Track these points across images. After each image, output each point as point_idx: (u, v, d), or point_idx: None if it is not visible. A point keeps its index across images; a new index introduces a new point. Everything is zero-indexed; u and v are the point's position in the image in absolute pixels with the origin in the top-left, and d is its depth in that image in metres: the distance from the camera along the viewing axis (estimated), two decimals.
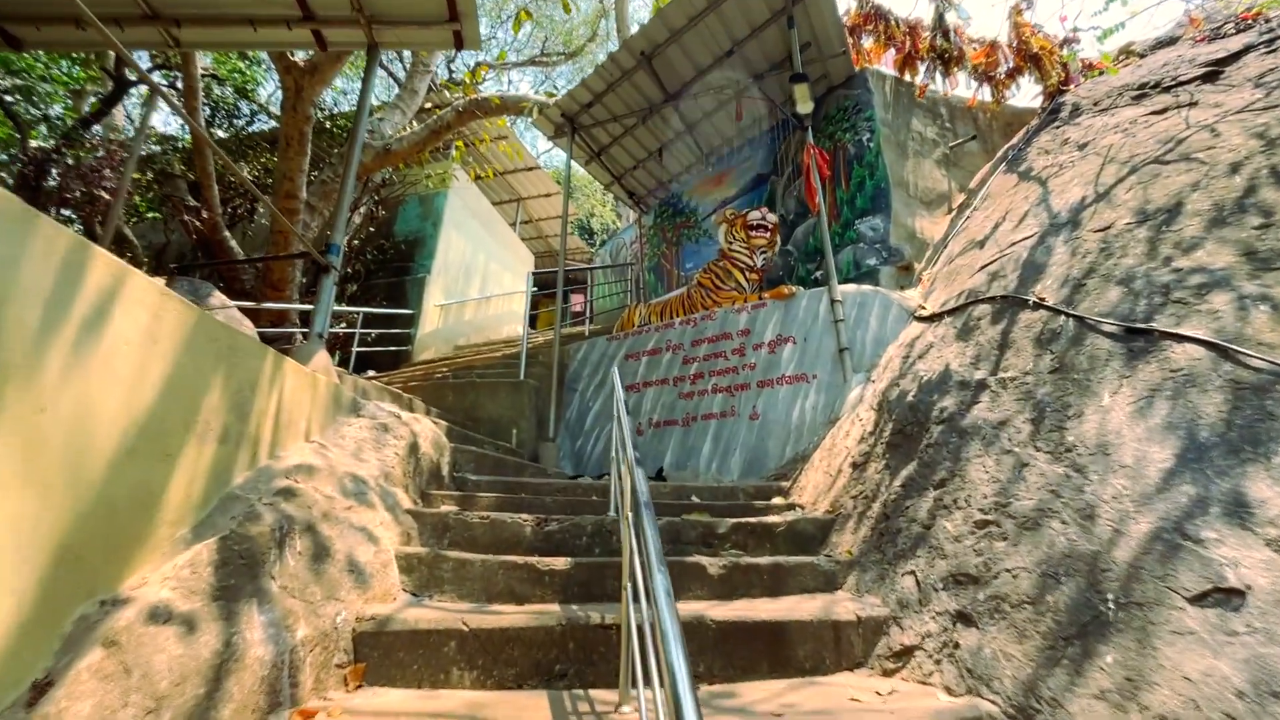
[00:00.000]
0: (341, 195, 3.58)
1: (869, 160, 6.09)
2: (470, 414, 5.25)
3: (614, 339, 6.07)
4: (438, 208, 9.18)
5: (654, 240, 8.74)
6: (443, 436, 3.73)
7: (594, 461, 5.49)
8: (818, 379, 4.76)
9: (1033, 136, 6.15)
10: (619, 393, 3.06)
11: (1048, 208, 4.36)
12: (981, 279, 4.25)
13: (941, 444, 3.08)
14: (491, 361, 6.62)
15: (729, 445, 4.94)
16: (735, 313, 5.36)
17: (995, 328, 3.61)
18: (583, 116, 6.63)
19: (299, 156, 5.97)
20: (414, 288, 8.58)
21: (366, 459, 2.99)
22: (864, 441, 3.79)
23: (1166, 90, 5.20)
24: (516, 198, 13.21)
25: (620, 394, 2.99)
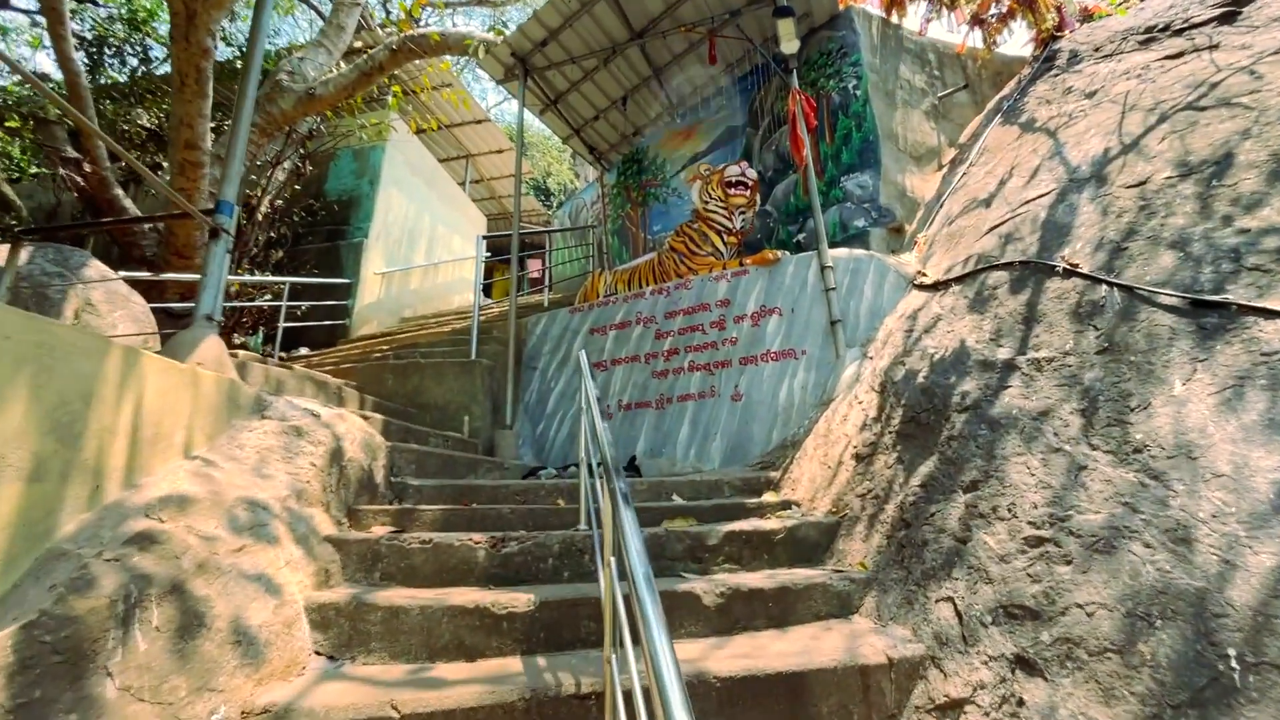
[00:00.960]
0: (233, 136, 2.86)
1: (856, 110, 5.57)
2: (414, 400, 4.62)
3: (577, 311, 5.48)
4: (375, 163, 8.25)
5: (617, 200, 8.09)
6: (376, 436, 3.13)
7: (557, 449, 4.97)
8: (807, 355, 4.32)
9: (1028, 86, 5.73)
10: (590, 389, 2.53)
11: (1064, 161, 3.95)
12: (992, 242, 3.84)
13: (968, 437, 2.67)
14: (438, 338, 5.94)
15: (709, 429, 4.48)
16: (713, 280, 4.85)
17: (1017, 298, 3.20)
18: (536, 57, 5.86)
19: (197, 99, 5.06)
20: (350, 253, 7.72)
21: (272, 475, 2.39)
22: (867, 429, 3.37)
23: (1178, 33, 4.81)
24: (465, 154, 12.22)
25: (592, 390, 2.46)
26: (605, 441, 1.80)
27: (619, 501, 1.39)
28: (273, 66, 6.83)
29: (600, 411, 3.14)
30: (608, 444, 1.79)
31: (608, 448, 1.78)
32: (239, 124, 2.87)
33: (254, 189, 7.20)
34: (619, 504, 1.38)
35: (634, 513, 1.36)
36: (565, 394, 5.16)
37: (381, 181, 8.17)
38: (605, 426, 1.99)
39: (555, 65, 5.96)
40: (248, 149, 6.45)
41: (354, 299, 7.54)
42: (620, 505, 1.36)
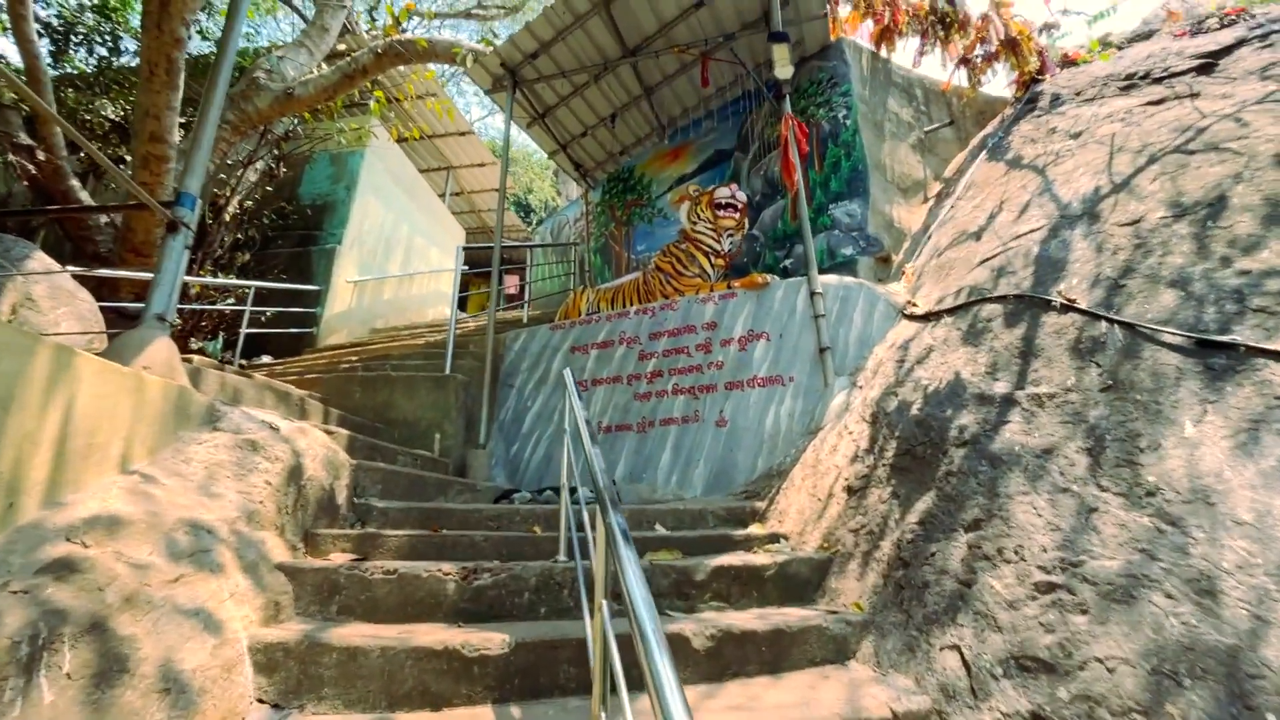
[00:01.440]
0: (200, 124, 2.67)
1: (845, 139, 5.60)
2: (383, 415, 4.39)
3: (558, 328, 5.32)
4: (352, 169, 8.03)
5: (601, 219, 8.00)
6: (340, 453, 2.91)
7: (532, 471, 4.77)
8: (795, 382, 4.23)
9: (1011, 125, 5.85)
10: (579, 410, 2.38)
11: (1054, 197, 3.97)
12: (983, 274, 3.82)
13: (967, 473, 2.58)
14: (411, 350, 5.71)
15: (691, 455, 4.34)
16: (700, 303, 4.75)
17: (1012, 332, 3.16)
18: (526, 69, 5.78)
19: (167, 90, 4.83)
20: (321, 260, 7.45)
21: (220, 493, 2.17)
22: (859, 460, 3.27)
23: (1158, 81, 4.96)
24: (447, 166, 12.05)
25: (581, 412, 2.30)
26: (599, 469, 1.65)
27: (617, 538, 1.23)
28: (250, 64, 6.61)
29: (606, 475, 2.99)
30: (601, 471, 1.63)
31: (601, 475, 1.62)
32: (208, 112, 2.68)
33: (223, 188, 6.92)
34: (617, 540, 1.22)
35: (635, 552, 1.21)
36: (543, 413, 4.98)
37: (359, 188, 7.95)
38: (598, 453, 1.83)
39: (545, 78, 5.88)
40: (218, 147, 6.22)
41: (323, 307, 7.25)
42: (620, 543, 1.21)
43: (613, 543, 1.22)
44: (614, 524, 1.28)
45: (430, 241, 10.29)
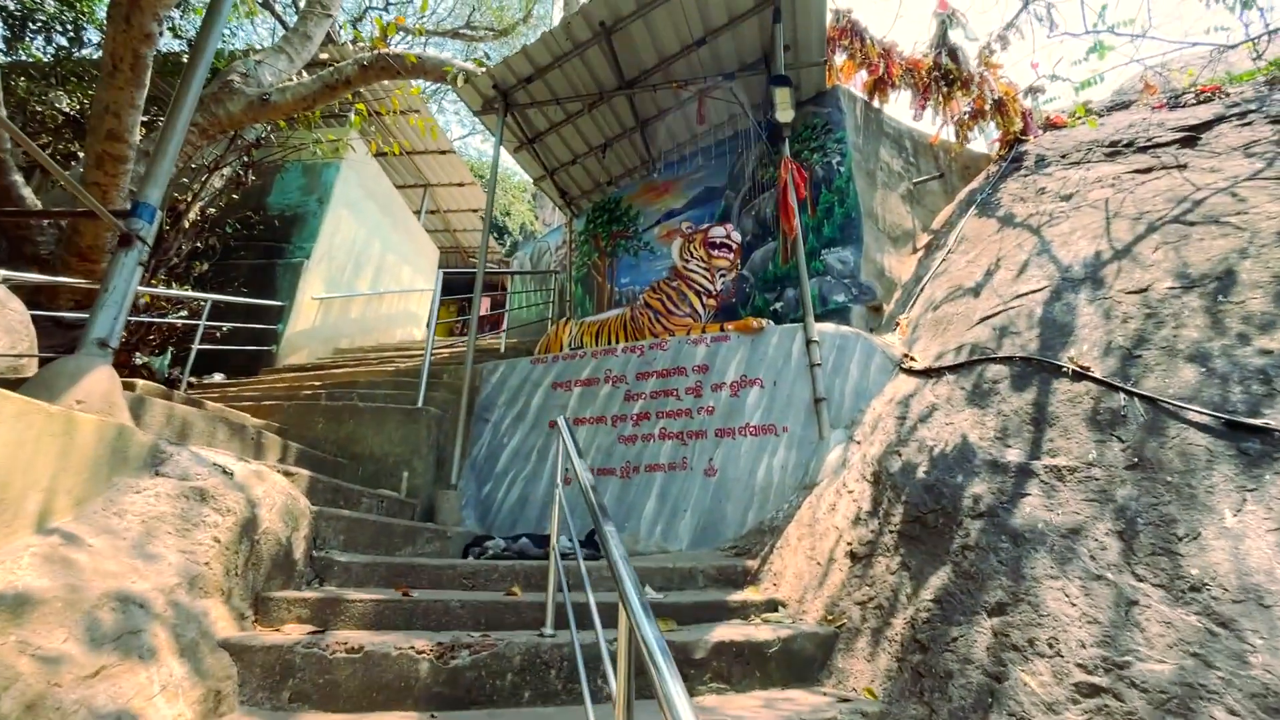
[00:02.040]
0: (167, 130, 2.41)
1: (839, 185, 5.60)
2: (347, 449, 4.06)
3: (539, 362, 5.09)
4: (326, 181, 7.72)
5: (584, 248, 7.85)
6: (300, 499, 2.61)
7: (505, 513, 4.47)
8: (789, 432, 4.08)
9: (998, 182, 5.96)
10: (578, 463, 2.16)
11: (1053, 259, 3.97)
12: (985, 333, 3.77)
13: (986, 549, 2.44)
14: (380, 377, 5.38)
15: (678, 505, 4.13)
16: (691, 344, 4.59)
17: (1021, 396, 3.08)
18: (519, 93, 5.64)
19: (131, 86, 4.51)
20: (287, 274, 7.07)
21: (159, 554, 1.87)
22: (861, 524, 3.11)
23: (1143, 150, 5.10)
24: (424, 183, 11.79)
25: (583, 468, 2.09)
26: (618, 555, 1.43)
27: (662, 669, 1.02)
28: (225, 66, 6.31)
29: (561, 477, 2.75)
30: (622, 560, 1.41)
31: (623, 567, 1.38)
32: (177, 117, 2.43)
33: (184, 193, 6.53)
34: (663, 673, 1.01)
35: (683, 684, 1.00)
36: (520, 452, 4.71)
37: (332, 201, 7.63)
38: (613, 531, 1.61)
39: (538, 104, 5.75)
40: (183, 150, 5.86)
41: (285, 324, 6.85)
42: (667, 677, 1.00)
43: (659, 676, 1.00)
44: (654, 646, 1.06)
45: (403, 260, 9.97)
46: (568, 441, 2.54)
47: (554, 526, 2.61)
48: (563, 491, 4.42)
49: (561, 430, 2.66)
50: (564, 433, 2.66)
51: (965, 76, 5.26)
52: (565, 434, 2.64)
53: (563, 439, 2.68)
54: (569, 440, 2.55)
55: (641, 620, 1.15)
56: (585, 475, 2.09)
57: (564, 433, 2.66)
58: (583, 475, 2.10)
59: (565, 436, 2.63)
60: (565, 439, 2.63)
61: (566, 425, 2.70)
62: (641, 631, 1.13)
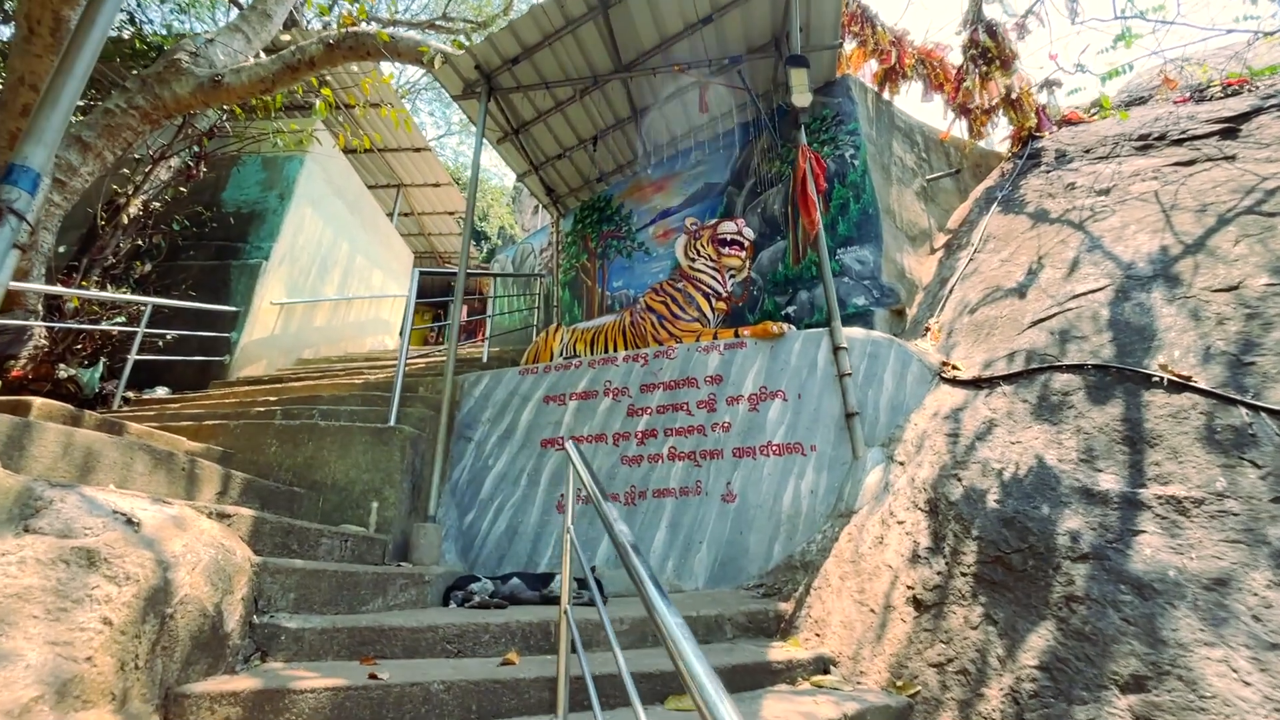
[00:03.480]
0: (62, 70, 1.86)
1: (853, 180, 5.20)
2: (305, 476, 3.48)
3: (528, 372, 4.56)
4: (289, 175, 7.10)
5: (571, 249, 7.35)
6: (237, 551, 2.06)
7: (491, 547, 3.93)
8: (817, 451, 3.62)
9: (1018, 178, 5.63)
10: (601, 503, 1.67)
11: (1109, 255, 3.59)
12: (1041, 338, 3.36)
13: (1102, 602, 1.98)
14: (346, 391, 4.79)
15: (692, 536, 3.63)
16: (702, 352, 4.12)
17: (1104, 410, 2.66)
18: (504, 75, 5.14)
19: (50, 54, 3.92)
20: (242, 276, 6.42)
21: (10, 653, 1.31)
22: (922, 563, 2.65)
23: (1178, 143, 4.80)
24: (397, 183, 11.17)
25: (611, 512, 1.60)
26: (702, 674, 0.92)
27: None
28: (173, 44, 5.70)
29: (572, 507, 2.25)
30: (710, 680, 0.91)
31: (692, 654, 0.91)
32: (76, 53, 1.88)
33: (125, 185, 5.87)
34: None
35: None
36: (507, 475, 4.16)
37: (294, 197, 7.00)
38: (666, 604, 1.12)
39: (525, 88, 5.26)
40: (121, 134, 5.23)
41: (240, 332, 6.20)
42: None
43: None
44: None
45: (373, 263, 9.34)
46: (585, 476, 2.05)
47: (565, 576, 2.10)
48: (562, 519, 3.88)
49: (571, 457, 2.17)
50: (574, 458, 2.17)
51: (1007, 55, 4.91)
52: (575, 459, 2.16)
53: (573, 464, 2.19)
54: (585, 472, 2.05)
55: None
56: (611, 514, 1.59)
57: (574, 458, 2.17)
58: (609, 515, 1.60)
59: (577, 462, 2.14)
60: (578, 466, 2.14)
61: (577, 451, 2.20)
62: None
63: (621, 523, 1.55)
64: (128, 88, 5.29)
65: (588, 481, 1.94)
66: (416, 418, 4.10)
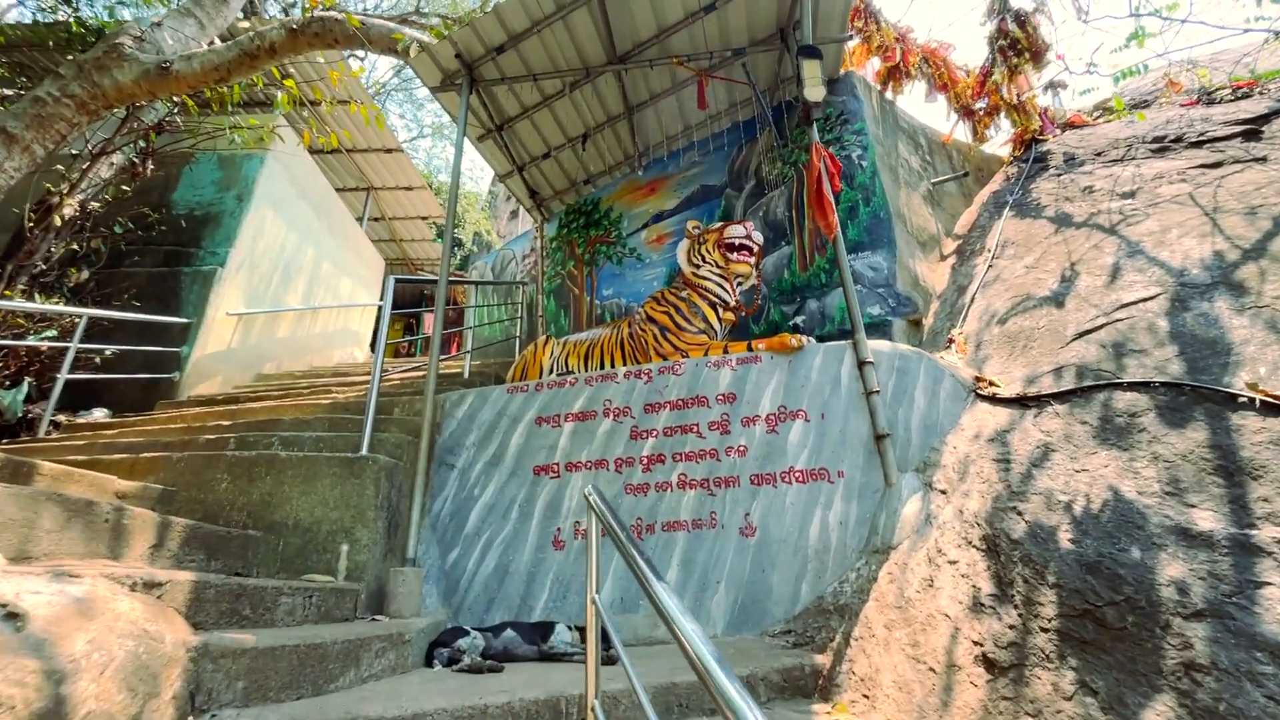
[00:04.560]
0: None
1: (862, 182, 4.92)
2: (262, 517, 3.01)
3: (517, 390, 4.14)
4: (248, 174, 6.56)
5: (557, 255, 6.94)
6: (168, 635, 1.62)
7: (478, 590, 3.49)
8: (844, 478, 3.28)
9: (1026, 182, 5.43)
10: (646, 575, 1.29)
11: (1155, 261, 3.34)
12: (1090, 351, 3.08)
13: (1236, 673, 1.66)
14: (311, 412, 4.29)
15: (707, 574, 3.25)
16: (712, 367, 3.76)
17: (1185, 435, 2.36)
18: (487, 66, 4.75)
19: None
20: (194, 284, 5.86)
21: None
22: (987, 612, 2.31)
23: (1196, 145, 4.62)
24: (368, 186, 10.62)
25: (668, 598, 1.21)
26: None
27: None
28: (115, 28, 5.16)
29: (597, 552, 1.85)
30: None
31: None
32: None
33: (59, 183, 5.29)
34: None
35: None
36: (496, 507, 3.73)
37: (254, 198, 6.47)
38: None
39: (510, 80, 4.86)
40: (54, 126, 4.68)
41: (191, 345, 5.64)
42: None
43: None
44: None
45: (342, 270, 8.79)
46: (608, 518, 1.68)
47: (590, 689, 1.71)
48: (559, 558, 3.47)
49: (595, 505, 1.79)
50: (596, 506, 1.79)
51: (1039, 46, 4.67)
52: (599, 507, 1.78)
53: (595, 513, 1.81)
54: (601, 509, 1.68)
55: None
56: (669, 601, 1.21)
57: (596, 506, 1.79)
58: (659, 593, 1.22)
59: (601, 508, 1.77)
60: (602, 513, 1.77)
61: (599, 496, 1.82)
62: None
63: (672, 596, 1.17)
64: (62, 74, 4.75)
65: (626, 547, 1.56)
66: (392, 444, 3.65)
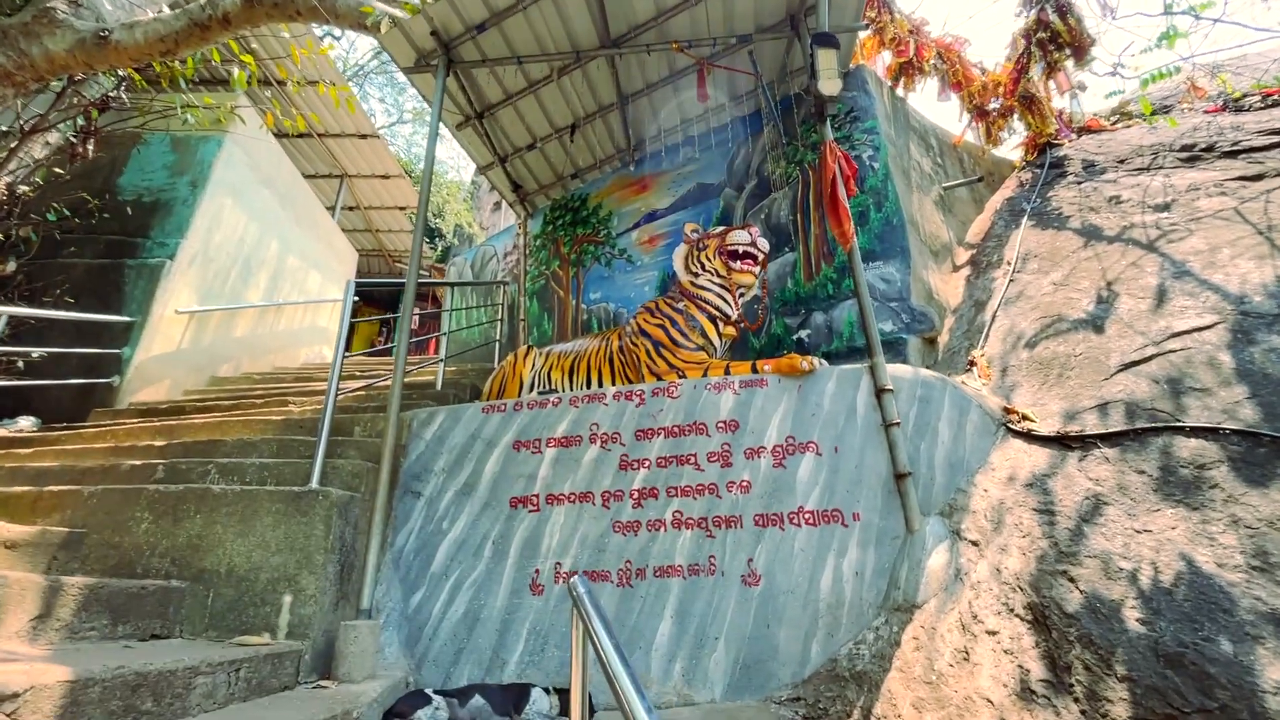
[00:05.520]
0: None
1: (874, 185, 4.57)
2: (188, 563, 2.58)
3: (493, 409, 3.73)
4: (204, 159, 6.04)
5: (541, 254, 6.53)
6: None
7: (445, 639, 3.09)
8: (860, 522, 2.94)
9: (1042, 189, 5.13)
10: None
11: (1207, 285, 3.03)
12: (1139, 385, 2.75)
13: None
14: (259, 432, 3.82)
15: (705, 629, 2.89)
16: (712, 390, 3.39)
17: (1270, 496, 2.04)
18: (467, 46, 4.31)
19: None
20: (140, 279, 5.35)
21: None
22: (1041, 703, 1.98)
23: (1230, 155, 4.34)
24: (340, 174, 10.08)
25: None
26: None
27: None
28: None
29: None
30: None
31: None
32: None
33: None
34: None
35: None
36: (467, 543, 3.33)
37: (209, 184, 5.95)
38: None
39: (492, 62, 4.43)
40: None
41: (134, 347, 5.13)
42: None
43: None
44: None
45: (310, 264, 8.27)
46: (597, 630, 1.31)
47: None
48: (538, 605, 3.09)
49: (581, 603, 1.42)
50: (584, 606, 1.42)
51: (1082, 40, 4.34)
52: (586, 604, 1.41)
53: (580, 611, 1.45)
54: (598, 626, 1.31)
55: None
56: None
57: (584, 606, 1.42)
58: None
59: (587, 609, 1.40)
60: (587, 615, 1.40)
61: (585, 589, 1.45)
62: None
63: None
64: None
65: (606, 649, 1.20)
66: (349, 472, 3.23)
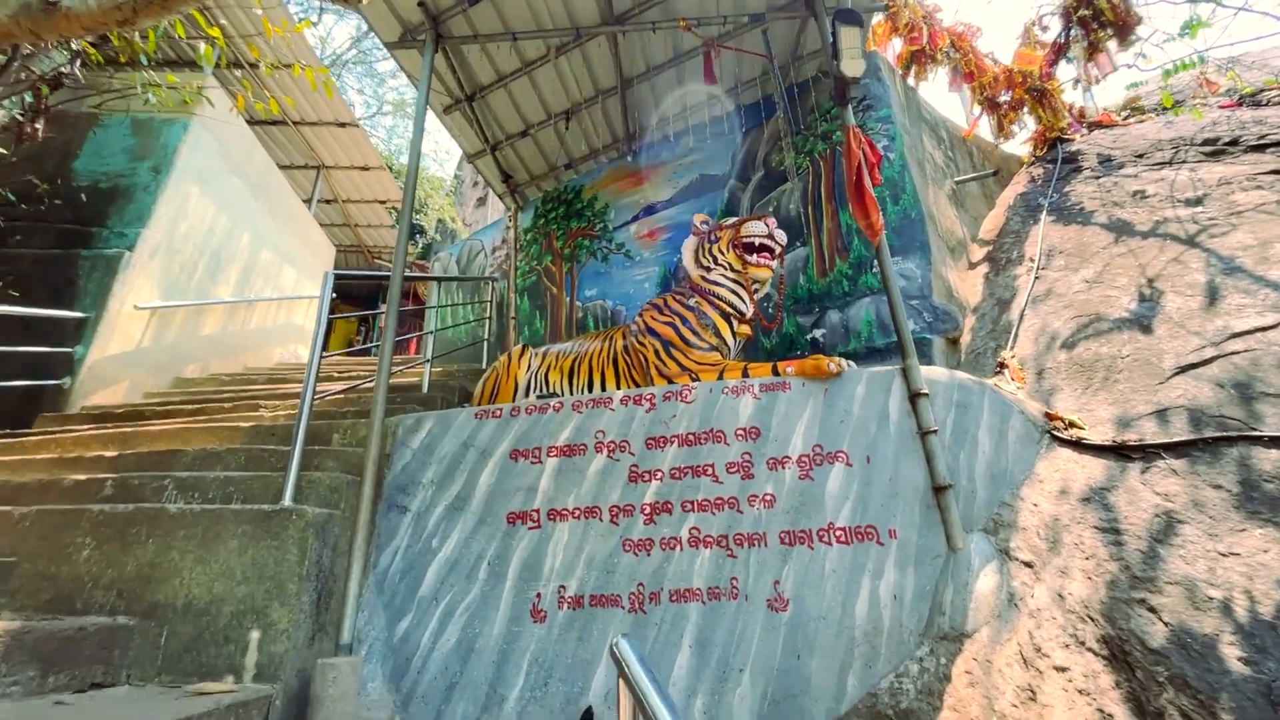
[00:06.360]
0: None
1: (890, 176, 4.34)
2: (138, 597, 2.24)
3: (487, 415, 3.42)
4: (168, 143, 5.62)
5: (532, 249, 6.21)
6: None
7: (435, 671, 2.78)
8: (897, 540, 2.68)
9: (1058, 184, 4.95)
10: None
11: (1264, 282, 2.83)
12: (1201, 390, 2.54)
13: None
14: (224, 441, 3.44)
15: (728, 658, 2.62)
16: (730, 393, 3.11)
17: None
18: (457, 20, 3.99)
19: None
20: (95, 271, 4.93)
21: None
22: None
23: (1257, 149, 4.18)
24: (318, 164, 9.63)
25: None
26: None
27: None
28: None
29: None
30: None
31: None
32: None
33: None
34: None
35: None
36: (459, 564, 3.02)
37: (174, 171, 5.53)
38: None
39: (484, 39, 4.11)
40: None
41: (87, 345, 4.71)
42: None
43: None
44: None
45: (284, 258, 7.84)
46: (654, 705, 1.00)
47: None
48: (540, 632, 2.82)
49: (628, 667, 1.12)
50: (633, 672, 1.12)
51: (1128, 19, 4.14)
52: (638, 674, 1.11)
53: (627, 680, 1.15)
54: (656, 701, 1.01)
55: None
56: None
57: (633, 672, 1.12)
58: None
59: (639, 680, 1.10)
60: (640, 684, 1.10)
61: (633, 652, 1.15)
62: None
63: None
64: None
65: None
66: (327, 486, 2.90)
